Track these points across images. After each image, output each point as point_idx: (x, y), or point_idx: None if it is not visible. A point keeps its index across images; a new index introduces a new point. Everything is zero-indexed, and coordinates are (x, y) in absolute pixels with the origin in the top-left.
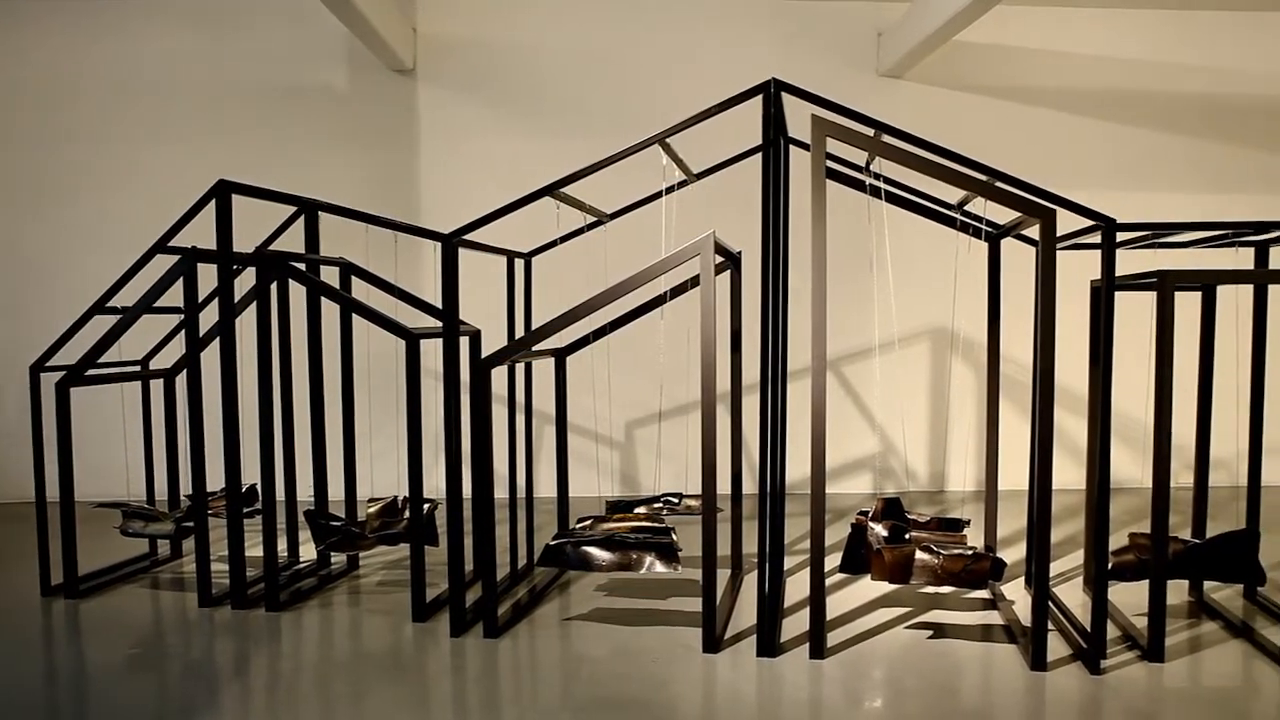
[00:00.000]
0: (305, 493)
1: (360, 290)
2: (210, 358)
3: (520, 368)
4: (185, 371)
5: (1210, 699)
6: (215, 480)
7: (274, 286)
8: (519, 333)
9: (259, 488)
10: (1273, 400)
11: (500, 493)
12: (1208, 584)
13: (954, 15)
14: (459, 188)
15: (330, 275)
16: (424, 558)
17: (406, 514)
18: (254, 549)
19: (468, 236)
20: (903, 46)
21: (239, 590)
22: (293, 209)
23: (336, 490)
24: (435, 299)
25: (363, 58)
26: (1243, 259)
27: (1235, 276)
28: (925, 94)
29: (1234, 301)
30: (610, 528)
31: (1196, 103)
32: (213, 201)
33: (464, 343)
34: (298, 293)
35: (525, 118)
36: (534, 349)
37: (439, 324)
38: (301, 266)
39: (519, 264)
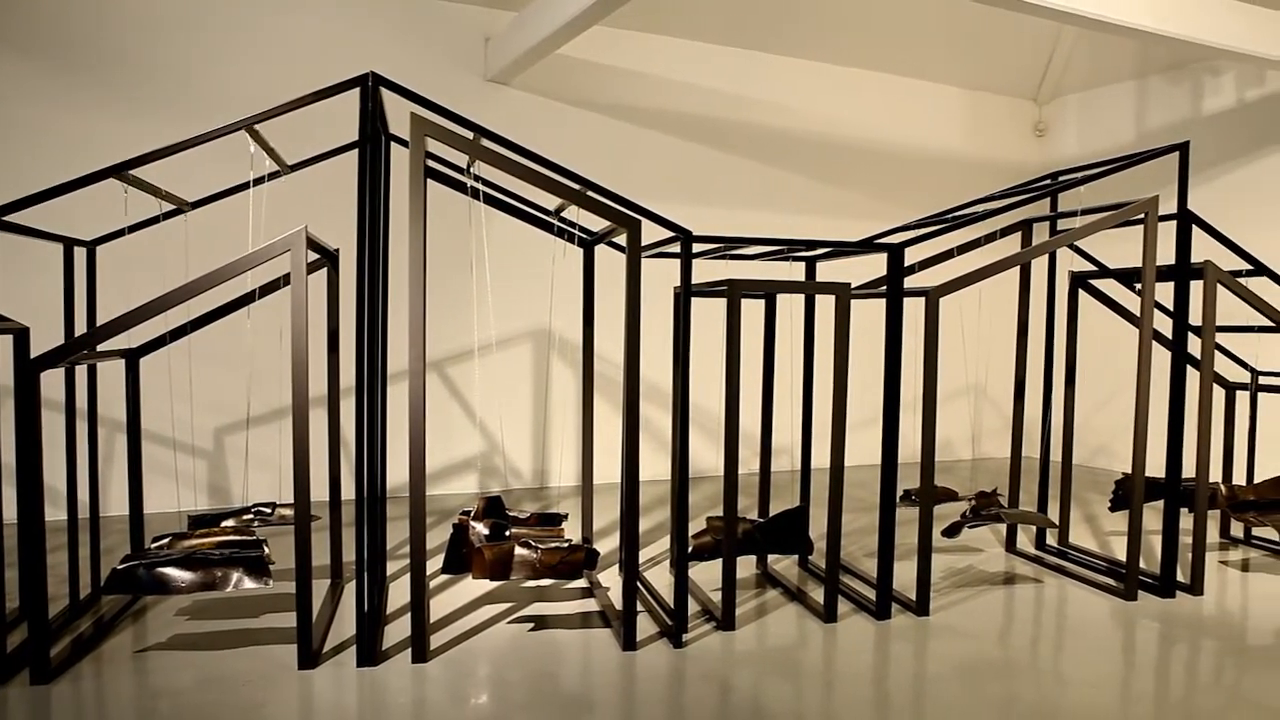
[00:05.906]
0: None
1: None
2: None
3: (82, 370)
4: None
5: (772, 657)
6: None
7: None
8: (80, 331)
9: None
10: (820, 392)
11: (58, 514)
12: (771, 556)
13: (556, 30)
14: (4, 160)
15: None
16: None
17: None
18: None
19: (10, 218)
20: (509, 54)
21: None
22: None
23: None
24: None
25: None
26: (797, 271)
27: (789, 286)
28: (529, 102)
29: (790, 308)
30: (192, 544)
31: (764, 134)
32: None
33: (6, 341)
34: None
35: (93, 86)
36: (99, 349)
37: None
38: None
39: (79, 253)
